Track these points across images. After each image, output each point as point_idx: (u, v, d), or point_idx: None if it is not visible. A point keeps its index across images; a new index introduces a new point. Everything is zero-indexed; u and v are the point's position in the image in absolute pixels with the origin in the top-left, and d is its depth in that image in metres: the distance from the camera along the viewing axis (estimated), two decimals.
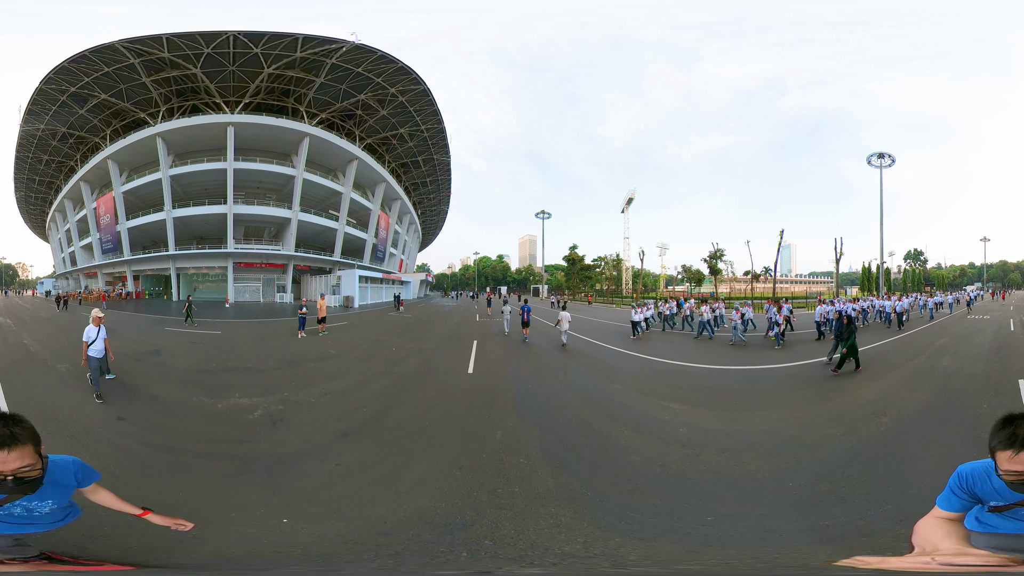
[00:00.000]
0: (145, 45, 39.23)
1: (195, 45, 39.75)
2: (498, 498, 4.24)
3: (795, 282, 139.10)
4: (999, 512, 1.82)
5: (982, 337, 15.36)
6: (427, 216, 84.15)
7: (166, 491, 4.38)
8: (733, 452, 5.51)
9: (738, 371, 11.18)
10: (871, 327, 20.03)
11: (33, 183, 60.27)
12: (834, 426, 6.33)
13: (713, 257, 60.04)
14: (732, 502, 4.21)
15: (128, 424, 6.51)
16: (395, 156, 61.31)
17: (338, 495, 4.40)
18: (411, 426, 6.66)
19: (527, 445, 5.65)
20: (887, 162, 45.27)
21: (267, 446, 5.91)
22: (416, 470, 5.05)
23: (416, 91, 49.74)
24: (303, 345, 15.19)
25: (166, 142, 46.06)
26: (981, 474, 1.84)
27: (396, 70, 45.89)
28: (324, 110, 49.53)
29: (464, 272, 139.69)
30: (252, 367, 11.29)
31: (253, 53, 40.81)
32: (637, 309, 18.25)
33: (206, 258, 49.23)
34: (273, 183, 50.21)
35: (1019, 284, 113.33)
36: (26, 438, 1.87)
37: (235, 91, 45.34)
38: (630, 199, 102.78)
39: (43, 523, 2.16)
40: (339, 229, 52.98)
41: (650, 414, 7.36)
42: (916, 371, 9.92)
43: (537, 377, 10.12)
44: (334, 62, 43.12)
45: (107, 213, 49.36)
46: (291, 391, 8.45)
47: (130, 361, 10.95)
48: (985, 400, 7.24)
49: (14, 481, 1.84)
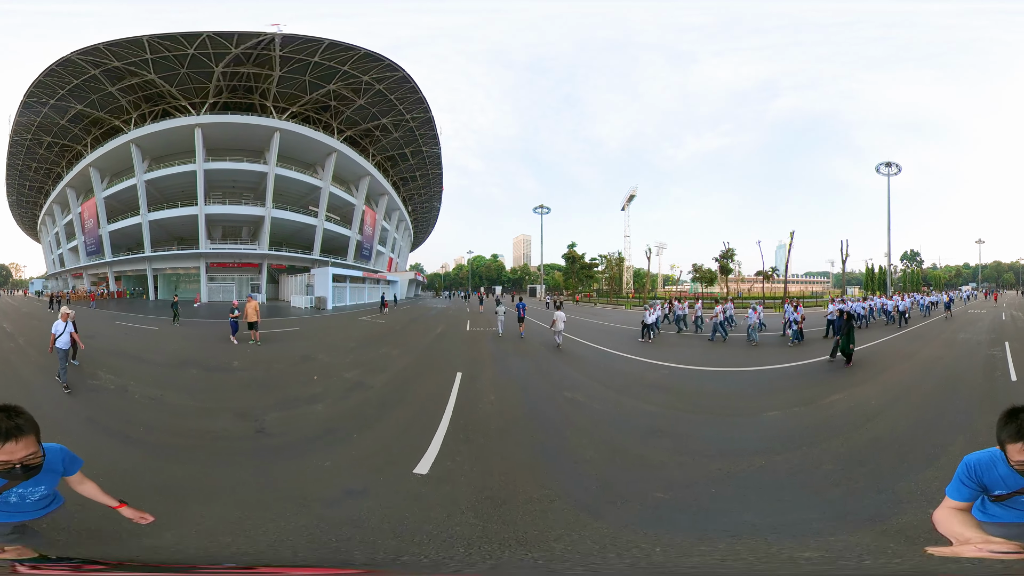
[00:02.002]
0: (96, 55, 39.70)
1: (138, 51, 40.01)
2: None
3: (791, 282, 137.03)
4: (1002, 501, 1.88)
5: (982, 323, 21.03)
6: (418, 213, 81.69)
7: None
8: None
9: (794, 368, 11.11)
10: (875, 324, 21.34)
11: (24, 188, 62.13)
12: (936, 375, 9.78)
13: (724, 256, 59.40)
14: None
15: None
16: (380, 149, 59.13)
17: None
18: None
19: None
20: (894, 171, 47.81)
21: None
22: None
23: (394, 78, 47.59)
24: (214, 354, 13.08)
25: (140, 148, 46.77)
26: (987, 463, 1.87)
27: (362, 57, 44.01)
28: (294, 103, 48.32)
29: (458, 272, 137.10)
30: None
31: (190, 54, 40.96)
32: (649, 310, 17.12)
33: (180, 259, 49.54)
34: (248, 181, 49.57)
35: (1013, 284, 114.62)
36: (29, 428, 1.96)
37: (197, 92, 45.36)
38: (631, 196, 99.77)
39: (32, 510, 2.22)
40: (318, 225, 50.84)
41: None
42: (946, 341, 15.08)
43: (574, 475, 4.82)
44: (281, 55, 42.00)
45: (90, 217, 50.63)
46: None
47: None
48: (985, 351, 12.53)
49: (22, 468, 1.95)
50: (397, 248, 74.60)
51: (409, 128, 56.25)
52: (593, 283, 76.66)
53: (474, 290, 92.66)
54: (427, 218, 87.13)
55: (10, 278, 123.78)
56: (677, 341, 16.78)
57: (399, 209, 69.39)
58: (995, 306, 36.42)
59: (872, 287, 66.53)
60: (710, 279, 65.47)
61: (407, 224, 77.68)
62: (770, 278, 64.47)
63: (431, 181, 71.34)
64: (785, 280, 56.23)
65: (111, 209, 49.56)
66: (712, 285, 67.53)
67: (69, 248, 56.92)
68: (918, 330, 18.89)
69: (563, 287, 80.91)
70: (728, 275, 61.47)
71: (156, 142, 46.92)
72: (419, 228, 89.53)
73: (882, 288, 59.77)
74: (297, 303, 40.61)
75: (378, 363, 11.85)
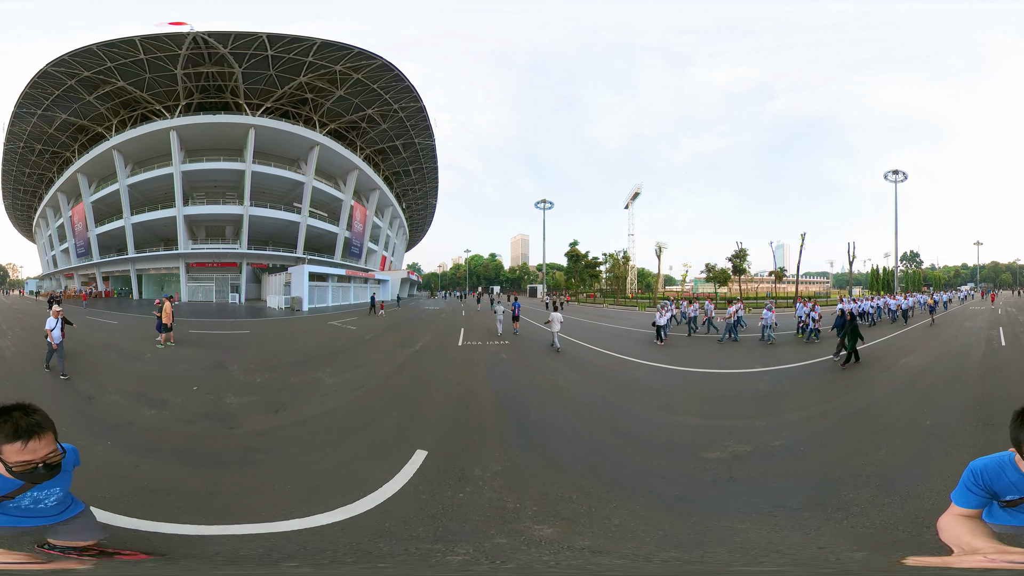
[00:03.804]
0: (66, 66, 40.75)
1: (98, 60, 40.50)
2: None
3: (792, 282, 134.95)
4: (1013, 507, 1.84)
5: (982, 317, 24.72)
6: (414, 210, 79.30)
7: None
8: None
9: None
10: (882, 323, 22.34)
11: (19, 192, 64.12)
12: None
13: (737, 256, 59.85)
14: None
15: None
16: (368, 141, 57.04)
17: None
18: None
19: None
20: (900, 178, 51.16)
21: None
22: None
23: (372, 66, 45.37)
24: (137, 345, 13.47)
25: (122, 153, 47.53)
26: (995, 468, 1.83)
27: (322, 46, 41.99)
28: (267, 99, 47.07)
29: (455, 271, 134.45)
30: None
31: (143, 59, 41.07)
32: (661, 311, 16.35)
33: (161, 260, 49.70)
34: (229, 181, 48.54)
35: (1010, 284, 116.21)
36: (48, 426, 1.92)
37: (169, 95, 45.71)
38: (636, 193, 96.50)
39: (48, 515, 2.14)
40: (301, 222, 48.63)
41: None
42: (957, 328, 19.28)
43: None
44: (231, 52, 41.21)
45: (80, 221, 52.13)
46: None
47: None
48: (986, 332, 16.96)
49: (45, 467, 1.89)
50: (391, 246, 72.17)
51: (399, 119, 53.86)
52: (595, 283, 74.46)
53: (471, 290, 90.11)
54: (423, 215, 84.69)
55: (7, 278, 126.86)
56: (696, 343, 15.99)
57: (392, 205, 66.94)
58: (992, 304, 37.37)
59: (877, 287, 70.12)
60: (723, 279, 65.35)
61: (401, 221, 75.22)
62: (782, 278, 66.03)
63: (426, 176, 68.83)
64: (797, 280, 57.12)
65: (100, 212, 50.63)
66: (725, 285, 67.67)
67: (61, 250, 58.53)
68: (926, 325, 20.85)
69: (564, 287, 78.33)
70: (742, 275, 61.81)
71: (136, 147, 47.42)
72: (415, 226, 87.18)
73: (887, 288, 63.77)
74: (272, 303, 38.23)
75: (298, 394, 8.12)
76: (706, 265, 70.71)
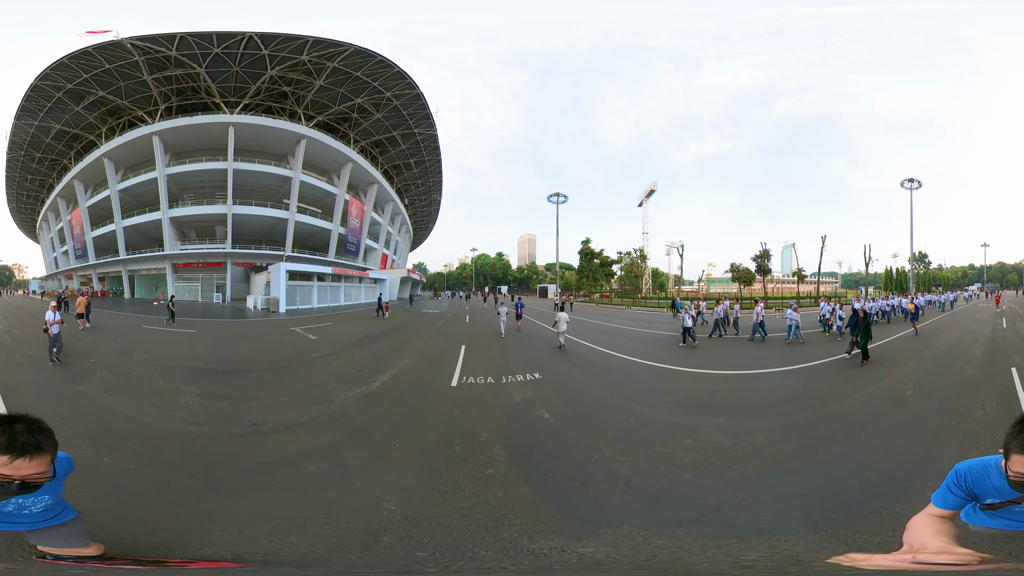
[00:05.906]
0: (51, 80, 41.65)
1: (74, 72, 40.94)
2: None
3: (810, 282, 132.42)
4: (992, 510, 1.86)
5: (988, 312, 29.40)
6: (417, 206, 76.45)
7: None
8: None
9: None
10: (895, 320, 23.50)
11: (23, 197, 66.47)
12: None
13: (761, 256, 59.88)
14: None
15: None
16: (362, 133, 54.36)
17: None
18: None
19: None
20: (915, 185, 53.97)
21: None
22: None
23: (346, 52, 42.50)
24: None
25: (112, 160, 48.08)
26: (979, 472, 1.84)
27: (279, 38, 39.87)
28: (243, 96, 45.51)
29: (462, 271, 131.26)
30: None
31: (108, 68, 41.11)
32: (687, 313, 16.24)
33: (149, 261, 49.64)
34: (215, 180, 47.46)
35: (1017, 284, 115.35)
36: (48, 448, 1.84)
37: (148, 101, 45.72)
38: (651, 191, 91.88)
39: (33, 521, 2.09)
40: (289, 219, 46.31)
41: None
42: (971, 320, 23.52)
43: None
44: (176, 55, 40.39)
45: (77, 225, 53.38)
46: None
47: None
48: (991, 324, 20.40)
49: (19, 486, 1.79)
50: (393, 244, 69.37)
51: (393, 107, 50.99)
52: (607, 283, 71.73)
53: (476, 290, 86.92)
54: (427, 212, 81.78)
55: (13, 278, 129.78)
56: (730, 345, 15.78)
57: (393, 200, 64.13)
58: (998, 308, 35.83)
59: (891, 287, 74.11)
60: (747, 279, 65.04)
61: (404, 218, 72.43)
62: (803, 278, 66.24)
63: (429, 169, 65.88)
64: (818, 280, 58.93)
65: (96, 216, 51.62)
66: (749, 285, 67.28)
67: (62, 252, 60.48)
68: (940, 320, 24.37)
69: (576, 287, 75.19)
70: (767, 275, 61.75)
71: (125, 153, 47.82)
72: (419, 224, 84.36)
73: (900, 288, 67.75)
74: (250, 304, 35.50)
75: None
76: (731, 265, 71.51)
